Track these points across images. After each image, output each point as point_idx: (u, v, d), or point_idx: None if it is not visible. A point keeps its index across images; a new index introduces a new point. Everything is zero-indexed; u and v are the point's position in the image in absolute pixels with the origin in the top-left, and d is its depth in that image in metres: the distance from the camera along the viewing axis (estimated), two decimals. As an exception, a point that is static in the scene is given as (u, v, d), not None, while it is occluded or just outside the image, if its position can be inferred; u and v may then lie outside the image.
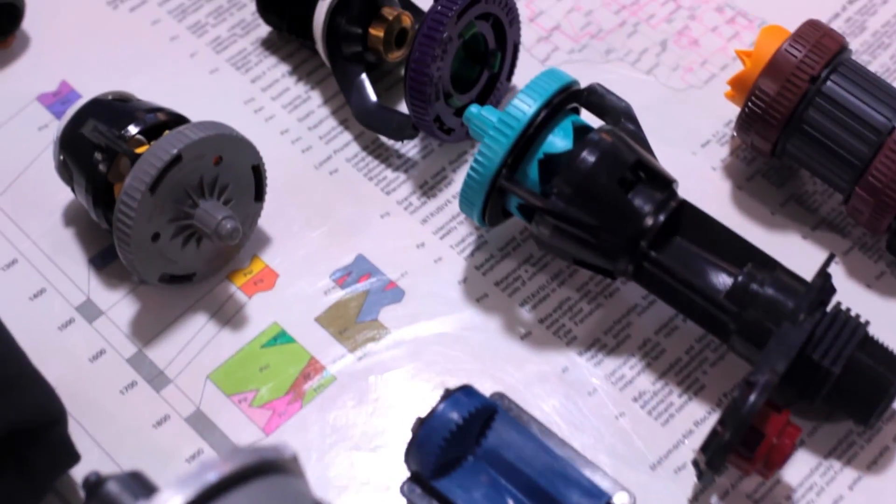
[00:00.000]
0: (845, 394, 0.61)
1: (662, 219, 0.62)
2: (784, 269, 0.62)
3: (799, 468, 0.63)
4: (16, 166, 0.72)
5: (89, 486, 0.49)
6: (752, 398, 0.57)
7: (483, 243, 0.70)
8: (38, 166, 0.72)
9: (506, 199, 0.65)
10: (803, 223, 0.70)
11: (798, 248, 0.69)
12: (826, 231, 0.70)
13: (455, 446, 0.59)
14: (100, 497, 0.49)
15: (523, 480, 0.59)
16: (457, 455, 0.59)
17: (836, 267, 0.68)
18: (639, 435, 0.64)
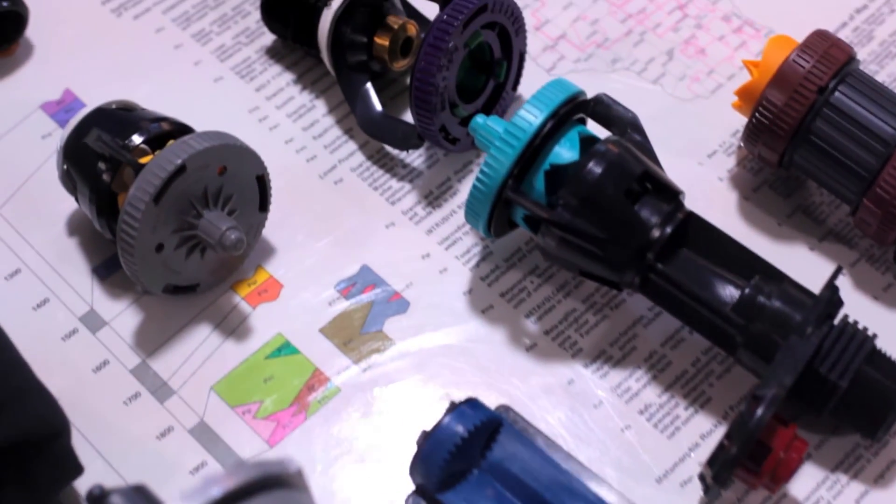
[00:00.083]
0: (852, 407, 0.61)
1: (669, 231, 0.62)
2: (791, 282, 0.62)
3: (805, 482, 0.62)
4: (19, 175, 0.72)
5: (93, 499, 0.49)
6: (759, 412, 0.57)
7: (488, 254, 0.69)
8: (41, 175, 0.72)
9: (511, 210, 0.65)
10: (810, 234, 0.70)
11: (805, 260, 0.69)
12: (833, 242, 0.70)
13: (460, 459, 0.58)
14: (104, 511, 0.49)
15: (529, 494, 0.58)
16: (462, 468, 0.59)
17: (844, 279, 0.68)
18: (645, 448, 0.63)
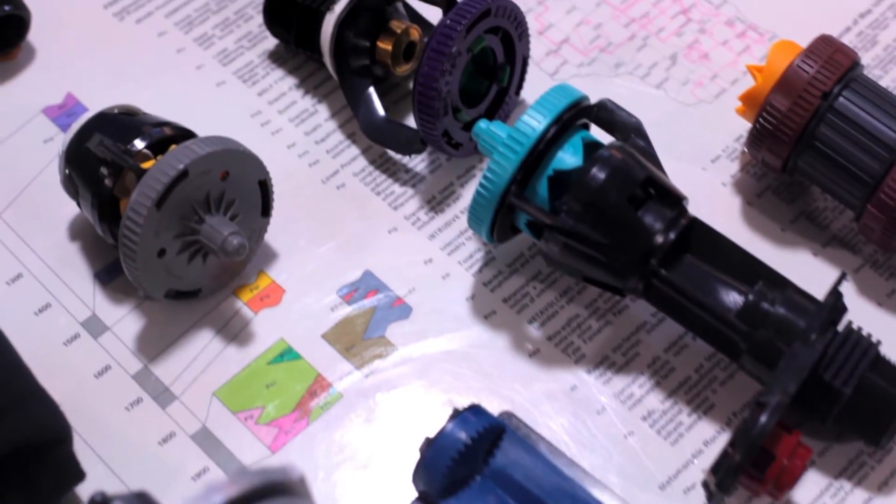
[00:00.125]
0: (856, 414, 0.61)
1: (673, 237, 0.62)
2: (795, 288, 0.62)
3: (809, 489, 0.62)
4: (21, 179, 0.72)
5: (95, 506, 0.49)
6: (763, 419, 0.57)
7: (491, 259, 0.69)
8: (43, 179, 0.71)
9: (515, 215, 0.65)
10: (814, 240, 0.70)
11: (808, 266, 0.69)
12: (837, 248, 0.70)
13: (463, 466, 0.58)
14: (106, 519, 0.49)
15: (532, 501, 0.58)
16: (465, 475, 0.59)
17: (847, 285, 0.68)
18: (648, 454, 0.63)
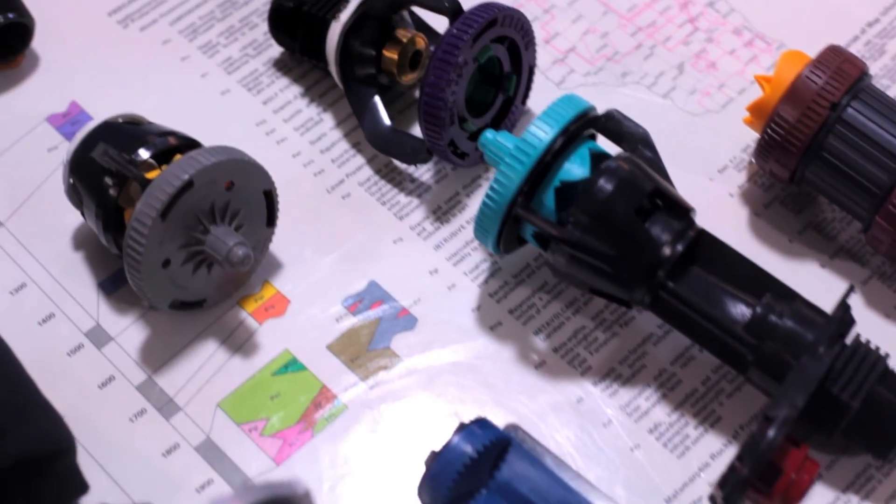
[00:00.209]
0: (864, 428, 0.60)
1: (681, 249, 0.61)
2: (803, 301, 0.62)
3: (816, 502, 0.62)
4: (25, 188, 0.71)
5: (98, 520, 0.49)
6: (771, 433, 0.57)
7: (497, 270, 0.69)
8: (47, 188, 0.71)
9: (521, 226, 0.64)
10: (821, 251, 0.70)
11: (816, 277, 0.69)
12: (844, 259, 0.69)
13: (469, 479, 0.58)
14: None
15: (538, 514, 0.58)
16: (470, 488, 0.58)
17: (855, 297, 0.68)
18: (654, 467, 0.63)
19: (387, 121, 0.72)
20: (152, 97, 0.74)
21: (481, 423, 0.59)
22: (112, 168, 0.64)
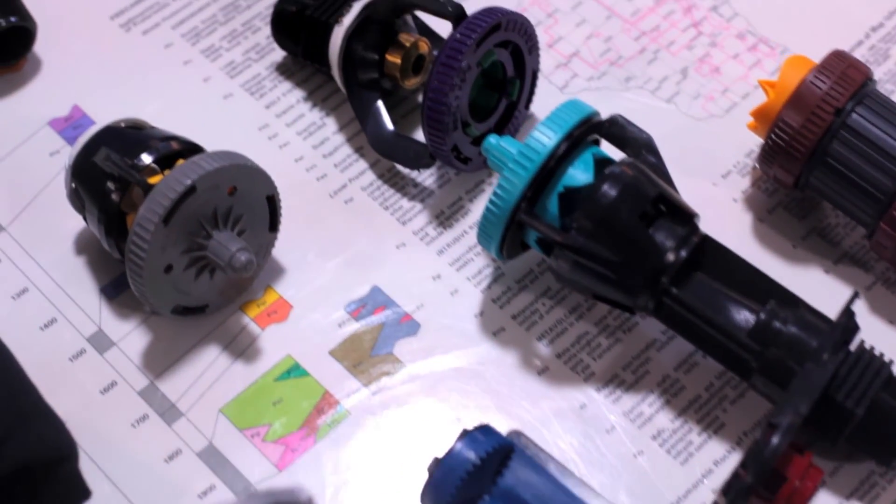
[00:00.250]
0: (868, 435, 0.60)
1: (685, 255, 0.61)
2: (807, 307, 0.61)
3: (821, 509, 0.62)
4: (27, 193, 0.71)
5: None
6: (774, 441, 0.56)
7: (500, 275, 0.69)
8: (49, 193, 0.71)
9: (524, 232, 0.64)
10: (825, 257, 0.69)
11: (820, 283, 0.68)
12: (849, 265, 0.69)
13: (472, 486, 0.58)
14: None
15: (541, 521, 0.58)
16: (473, 495, 0.58)
17: (859, 302, 0.67)
18: (657, 474, 0.63)
19: (390, 125, 0.71)
20: (155, 101, 0.74)
21: (484, 429, 0.59)
22: (114, 173, 0.64)
